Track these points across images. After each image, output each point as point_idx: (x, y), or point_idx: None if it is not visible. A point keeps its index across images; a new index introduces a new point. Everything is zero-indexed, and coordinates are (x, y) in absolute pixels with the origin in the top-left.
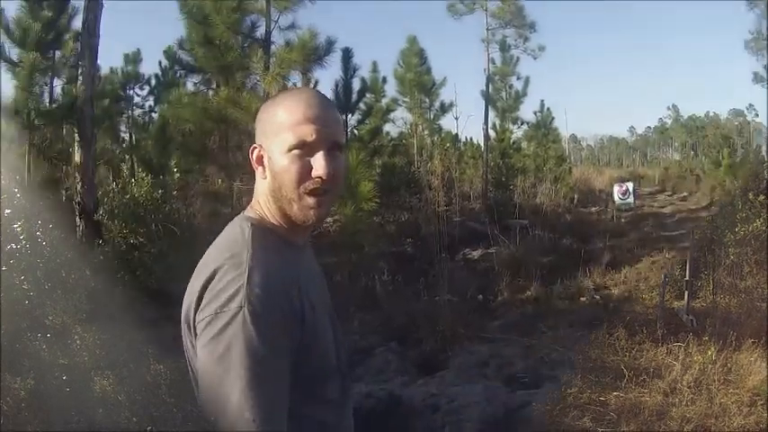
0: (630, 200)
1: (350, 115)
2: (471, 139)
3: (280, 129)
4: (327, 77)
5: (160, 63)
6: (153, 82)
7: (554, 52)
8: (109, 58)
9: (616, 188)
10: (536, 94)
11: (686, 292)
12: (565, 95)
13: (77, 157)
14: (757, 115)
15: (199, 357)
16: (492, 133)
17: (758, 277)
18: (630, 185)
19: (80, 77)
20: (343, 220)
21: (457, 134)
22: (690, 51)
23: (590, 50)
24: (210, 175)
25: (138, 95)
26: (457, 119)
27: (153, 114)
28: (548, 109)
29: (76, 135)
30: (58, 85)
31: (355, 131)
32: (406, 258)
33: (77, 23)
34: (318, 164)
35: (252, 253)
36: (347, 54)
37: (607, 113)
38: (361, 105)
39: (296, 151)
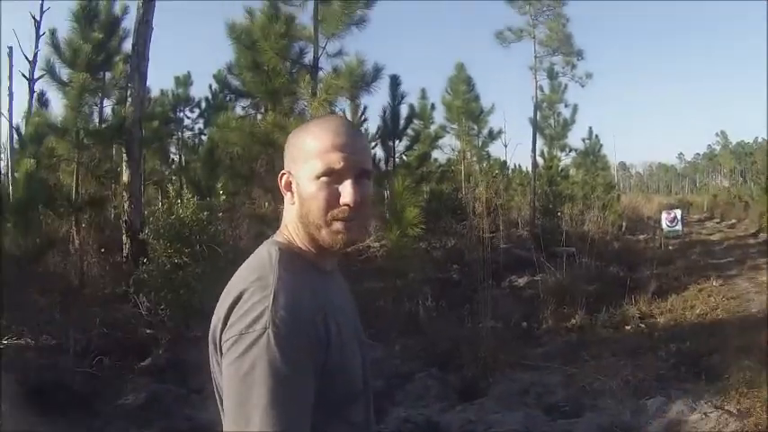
0: (678, 227)
1: (397, 141)
2: (520, 165)
3: (308, 156)
4: (375, 104)
5: (210, 86)
6: (203, 105)
7: (603, 80)
8: (159, 81)
9: (664, 215)
10: (584, 121)
11: None
12: (614, 123)
13: (125, 177)
14: None
15: (224, 376)
16: (540, 160)
17: None
18: (678, 213)
19: (129, 99)
20: (389, 246)
21: (505, 161)
22: (737, 76)
23: (638, 78)
24: (257, 198)
25: (188, 118)
26: (506, 146)
27: (203, 136)
28: (596, 136)
29: (125, 155)
30: (107, 105)
31: (404, 157)
32: (451, 284)
33: (127, 45)
34: (346, 191)
35: (278, 276)
36: (395, 81)
37: (656, 140)
38: (409, 131)
39: (324, 178)
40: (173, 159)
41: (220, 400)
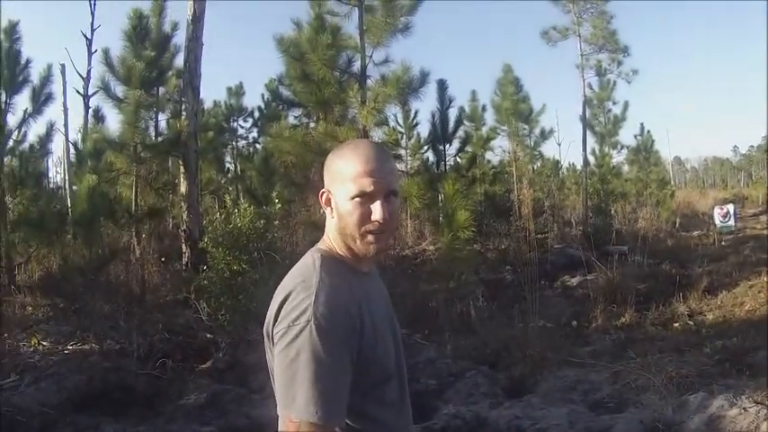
0: (731, 222)
1: (447, 145)
2: (574, 164)
3: (344, 179)
4: (425, 108)
5: (263, 96)
6: (256, 114)
7: (653, 75)
8: (213, 92)
9: (717, 211)
10: (636, 118)
11: None
12: (667, 118)
13: (183, 188)
14: None
15: (275, 362)
16: (591, 159)
17: None
18: (731, 208)
19: (183, 113)
20: (443, 248)
21: (558, 160)
22: None
23: (689, 71)
24: (312, 205)
25: (242, 127)
26: (560, 145)
27: (257, 145)
28: (648, 132)
29: (182, 167)
30: (162, 119)
31: (458, 159)
32: (503, 285)
33: (179, 61)
34: (377, 210)
35: (319, 279)
36: (442, 85)
37: (710, 134)
38: (460, 134)
39: (358, 199)
40: (228, 168)
41: (273, 381)
